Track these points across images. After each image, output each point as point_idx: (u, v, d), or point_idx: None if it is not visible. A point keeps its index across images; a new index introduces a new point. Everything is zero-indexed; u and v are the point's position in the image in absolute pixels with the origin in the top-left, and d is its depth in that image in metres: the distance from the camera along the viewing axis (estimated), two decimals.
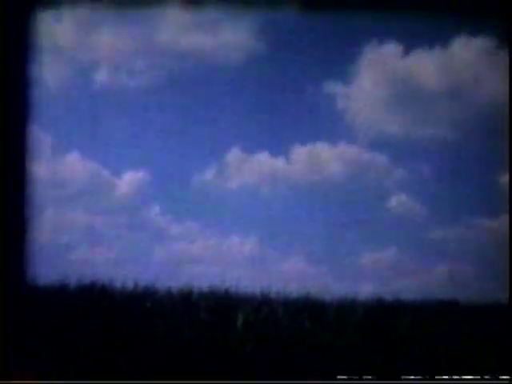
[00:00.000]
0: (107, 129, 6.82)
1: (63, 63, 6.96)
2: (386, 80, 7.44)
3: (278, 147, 7.20)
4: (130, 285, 6.62)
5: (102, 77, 7.08)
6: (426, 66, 7.21)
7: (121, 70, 7.11)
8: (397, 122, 7.31)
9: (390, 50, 7.30)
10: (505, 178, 6.33)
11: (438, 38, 6.94)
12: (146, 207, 7.23)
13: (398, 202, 7.19)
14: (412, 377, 5.62)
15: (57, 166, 7.01)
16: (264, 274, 6.94)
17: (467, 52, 7.11)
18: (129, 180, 7.15)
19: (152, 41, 7.06)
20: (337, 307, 6.72)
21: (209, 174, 7.23)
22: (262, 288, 6.67)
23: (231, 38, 7.11)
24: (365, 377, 5.64)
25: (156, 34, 7.01)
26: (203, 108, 6.96)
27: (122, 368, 5.78)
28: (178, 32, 7.04)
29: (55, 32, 6.67)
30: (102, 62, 7.11)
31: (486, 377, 5.47)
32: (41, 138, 6.17)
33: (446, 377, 5.63)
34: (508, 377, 5.38)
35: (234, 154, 7.30)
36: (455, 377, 5.60)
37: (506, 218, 6.25)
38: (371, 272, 7.06)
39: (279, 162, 7.33)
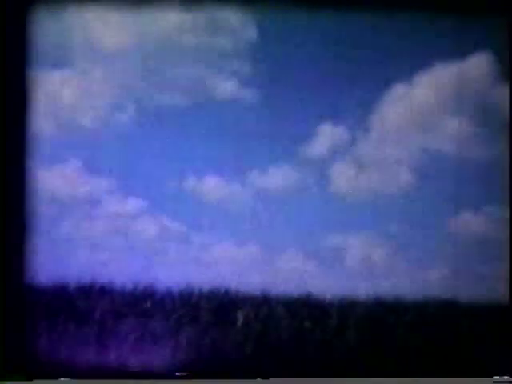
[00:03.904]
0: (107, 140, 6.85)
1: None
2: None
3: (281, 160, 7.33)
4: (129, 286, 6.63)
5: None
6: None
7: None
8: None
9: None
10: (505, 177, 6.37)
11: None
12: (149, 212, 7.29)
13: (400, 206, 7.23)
14: (412, 377, 5.63)
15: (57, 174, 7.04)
16: (264, 274, 6.97)
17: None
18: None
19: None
20: (337, 306, 6.73)
21: (209, 183, 7.30)
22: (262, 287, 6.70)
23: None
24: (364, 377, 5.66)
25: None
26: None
27: (122, 367, 5.80)
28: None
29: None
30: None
31: (486, 377, 5.48)
32: (40, 145, 6.20)
33: (446, 377, 5.63)
34: (508, 377, 5.38)
35: (238, 164, 7.38)
36: (455, 377, 5.61)
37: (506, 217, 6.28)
38: (371, 271, 7.07)
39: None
